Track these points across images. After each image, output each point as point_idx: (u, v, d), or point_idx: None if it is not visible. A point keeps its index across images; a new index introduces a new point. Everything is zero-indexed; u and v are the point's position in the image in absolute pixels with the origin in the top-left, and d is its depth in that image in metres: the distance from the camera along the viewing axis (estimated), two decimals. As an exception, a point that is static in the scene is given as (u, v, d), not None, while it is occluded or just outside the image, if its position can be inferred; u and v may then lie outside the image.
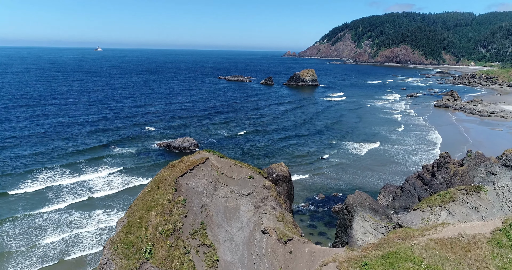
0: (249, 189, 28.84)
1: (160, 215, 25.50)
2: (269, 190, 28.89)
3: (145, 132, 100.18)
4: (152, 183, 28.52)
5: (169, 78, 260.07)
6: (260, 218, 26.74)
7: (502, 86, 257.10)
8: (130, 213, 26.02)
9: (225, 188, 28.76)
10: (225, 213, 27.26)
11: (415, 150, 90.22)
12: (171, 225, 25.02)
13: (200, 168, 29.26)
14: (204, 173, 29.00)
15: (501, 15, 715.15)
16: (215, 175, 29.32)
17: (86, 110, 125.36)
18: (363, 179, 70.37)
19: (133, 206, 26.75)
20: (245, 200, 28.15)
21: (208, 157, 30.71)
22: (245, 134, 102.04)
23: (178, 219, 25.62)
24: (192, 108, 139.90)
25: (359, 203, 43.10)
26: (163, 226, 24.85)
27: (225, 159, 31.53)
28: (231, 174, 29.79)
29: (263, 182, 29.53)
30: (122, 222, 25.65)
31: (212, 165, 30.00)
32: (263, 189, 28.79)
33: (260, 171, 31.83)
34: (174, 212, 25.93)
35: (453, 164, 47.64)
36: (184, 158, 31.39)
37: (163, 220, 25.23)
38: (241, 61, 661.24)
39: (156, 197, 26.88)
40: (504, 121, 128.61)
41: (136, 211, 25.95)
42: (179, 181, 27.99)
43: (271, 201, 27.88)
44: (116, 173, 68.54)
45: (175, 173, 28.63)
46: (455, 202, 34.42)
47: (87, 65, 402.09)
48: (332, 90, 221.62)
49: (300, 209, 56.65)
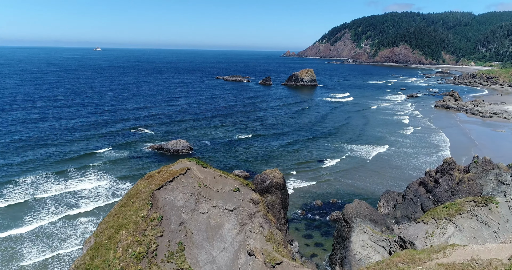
0: (235, 204, 25.85)
1: (132, 235, 22.49)
2: (257, 205, 25.89)
3: (138, 134, 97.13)
4: (125, 197, 25.50)
5: (166, 79, 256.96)
6: (246, 238, 23.76)
7: (503, 86, 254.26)
8: (99, 232, 23.01)
9: (207, 203, 25.77)
10: (207, 232, 24.28)
11: (422, 153, 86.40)
12: (144, 247, 22.01)
13: (180, 179, 26.25)
14: (184, 186, 26.00)
15: (501, 14, 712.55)
16: (197, 187, 26.32)
17: (78, 112, 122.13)
18: (363, 184, 67.34)
19: (102, 224, 23.74)
20: (230, 216, 25.17)
21: (190, 167, 27.69)
22: (241, 136, 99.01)
23: (153, 239, 22.63)
24: (188, 109, 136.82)
25: (358, 213, 40.06)
26: (134, 248, 21.85)
27: (209, 169, 28.51)
28: (215, 187, 26.79)
29: (250, 195, 26.53)
30: (89, 242, 22.64)
31: (194, 176, 26.99)
32: (250, 204, 25.80)
33: (248, 182, 28.77)
34: (148, 231, 22.93)
35: (458, 171, 44.62)
36: (163, 168, 28.38)
37: (135, 241, 22.21)
38: (240, 61, 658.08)
39: (128, 213, 23.87)
40: (507, 122, 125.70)
41: (105, 230, 22.94)
42: (156, 195, 25.00)
43: (258, 217, 24.90)
44: (104, 179, 65.42)
45: (151, 185, 25.62)
46: (462, 215, 31.41)
47: (85, 65, 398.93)
48: (331, 90, 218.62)
49: (296, 217, 53.62)
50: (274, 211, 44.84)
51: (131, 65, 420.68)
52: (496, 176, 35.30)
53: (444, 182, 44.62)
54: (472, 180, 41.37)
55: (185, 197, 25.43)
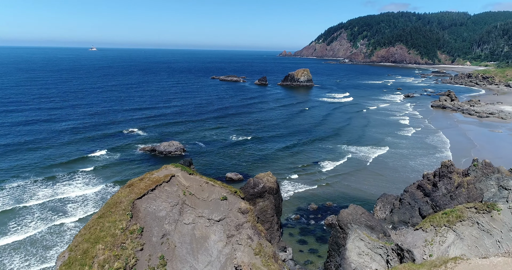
0: (222, 214, 24.19)
1: (110, 248, 20.77)
2: (245, 215, 24.25)
3: (130, 136, 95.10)
4: (104, 207, 23.76)
5: (161, 79, 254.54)
6: (233, 250, 22.12)
7: (499, 86, 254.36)
8: (73, 246, 21.26)
9: (192, 212, 24.08)
10: (192, 244, 22.60)
11: (423, 155, 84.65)
12: (122, 262, 20.29)
13: (163, 187, 24.55)
14: (168, 194, 24.30)
15: (496, 14, 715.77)
16: (182, 196, 24.62)
17: (70, 113, 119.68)
18: (361, 186, 65.86)
19: (78, 236, 21.99)
20: (216, 227, 23.51)
21: (175, 174, 25.97)
22: (236, 138, 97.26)
23: (132, 253, 20.92)
24: (182, 110, 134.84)
25: (353, 219, 38.51)
26: (111, 264, 20.13)
27: (195, 176, 26.79)
28: (201, 195, 25.10)
29: (238, 204, 24.87)
30: (62, 257, 20.90)
31: (179, 184, 25.29)
32: (238, 214, 24.15)
33: (236, 190, 27.09)
34: (127, 245, 21.22)
35: (457, 174, 43.21)
36: (147, 175, 26.64)
37: (113, 256, 20.49)
38: (237, 61, 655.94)
39: (106, 225, 22.13)
40: (503, 122, 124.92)
41: (81, 244, 21.19)
42: (137, 204, 23.28)
43: (247, 228, 23.26)
44: (94, 183, 63.45)
45: (132, 194, 23.90)
46: (463, 222, 29.91)
47: (79, 65, 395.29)
48: (328, 91, 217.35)
49: (290, 221, 52.01)
50: (267, 217, 43.21)
51: (126, 65, 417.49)
52: (497, 181, 33.86)
53: (442, 186, 43.21)
54: (472, 184, 39.97)
55: (168, 206, 23.74)
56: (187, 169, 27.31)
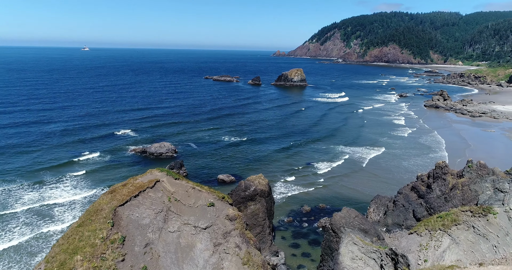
0: (209, 221, 23.10)
1: (89, 260, 19.56)
2: (233, 222, 23.19)
3: (121, 138, 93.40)
4: (84, 215, 22.53)
5: (154, 79, 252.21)
6: (220, 260, 21.05)
7: (491, 86, 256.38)
8: (50, 257, 20.02)
9: (178, 220, 22.95)
10: (176, 253, 21.49)
11: (418, 155, 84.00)
12: (101, 274, 19.07)
13: (147, 193, 23.39)
14: (152, 201, 23.15)
15: (487, 15, 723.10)
16: (167, 202, 23.49)
17: (60, 115, 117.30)
18: (355, 188, 65.12)
19: (55, 247, 20.74)
20: (203, 235, 22.41)
21: (160, 179, 24.81)
22: (228, 139, 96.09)
23: (112, 264, 19.74)
24: (174, 110, 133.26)
25: (346, 223, 37.63)
26: (90, 276, 18.90)
27: (181, 181, 25.63)
28: (187, 201, 23.98)
29: (226, 211, 23.79)
30: (38, 269, 19.63)
31: (164, 190, 24.14)
32: (226, 221, 23.08)
33: (224, 196, 26.00)
34: (108, 255, 20.04)
35: (451, 175, 42.57)
36: (130, 180, 25.45)
37: (91, 267, 19.30)
38: (230, 61, 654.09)
39: (86, 234, 20.92)
40: (496, 122, 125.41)
41: (58, 255, 19.97)
42: (119, 211, 22.10)
43: (235, 236, 22.21)
44: (82, 186, 61.89)
45: (114, 201, 22.70)
46: (458, 226, 29.14)
47: (71, 65, 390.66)
48: (322, 90, 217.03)
49: (283, 224, 51.04)
50: (258, 220, 42.19)
51: (118, 66, 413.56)
52: (493, 183, 33.19)
53: (436, 188, 42.54)
54: (466, 185, 39.33)
55: (152, 213, 22.60)
56: (173, 174, 26.14)
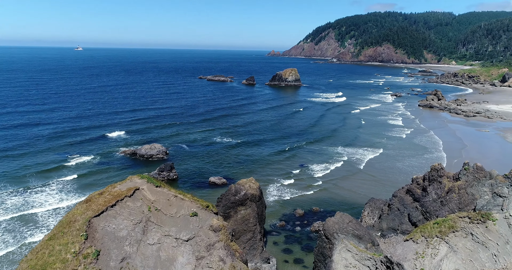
0: (191, 232, 21.54)
1: (58, 277, 17.87)
2: (217, 233, 21.66)
3: (112, 139, 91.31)
4: (56, 227, 20.85)
5: (147, 79, 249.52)
6: (202, 275, 19.51)
7: (484, 85, 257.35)
8: (16, 274, 18.34)
9: (158, 231, 21.38)
10: (156, 268, 19.93)
11: (417, 156, 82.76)
12: (71, 293, 17.43)
13: (125, 203, 21.77)
14: (130, 211, 21.55)
15: (480, 15, 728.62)
16: (146, 212, 21.91)
17: (50, 116, 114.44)
18: (350, 190, 63.83)
19: (23, 263, 19.06)
20: (185, 247, 20.86)
21: (139, 187, 23.20)
22: (221, 140, 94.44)
23: (84, 282, 18.09)
24: (167, 112, 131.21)
25: (340, 229, 36.24)
26: (59, 296, 17.26)
27: (163, 189, 24.04)
28: (168, 211, 22.41)
29: (210, 221, 22.26)
30: (3, 288, 17.93)
31: (143, 198, 22.54)
32: (210, 232, 21.54)
33: (208, 204, 24.45)
34: (80, 272, 18.37)
35: (447, 178, 41.36)
36: (108, 188, 23.80)
37: (61, 286, 17.61)
38: (225, 60, 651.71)
39: (57, 248, 19.25)
40: (490, 122, 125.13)
41: (25, 272, 18.27)
42: (94, 223, 20.47)
43: (219, 249, 20.69)
44: (69, 190, 59.90)
45: (89, 211, 21.06)
46: (456, 233, 27.88)
47: (63, 66, 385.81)
48: (316, 90, 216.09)
49: (275, 229, 49.57)
50: (249, 226, 40.68)
51: (111, 66, 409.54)
52: (491, 187, 31.98)
53: (432, 191, 41.31)
54: (463, 189, 38.13)
55: (130, 225, 21.00)
56: (154, 181, 24.54)
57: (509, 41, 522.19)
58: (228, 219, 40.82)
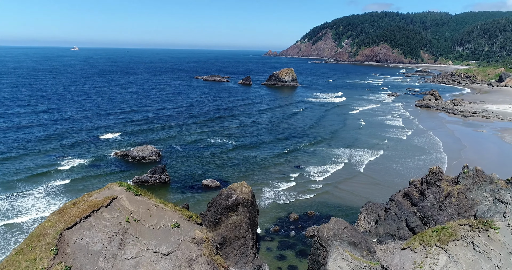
0: (172, 245, 19.99)
1: (23, 297, 16.25)
2: (200, 246, 20.11)
3: (104, 141, 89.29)
4: (25, 241, 19.22)
5: (142, 80, 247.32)
6: (183, 293, 17.97)
7: (481, 85, 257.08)
8: (-23, 294, 16.71)
9: (136, 244, 19.81)
10: (132, 285, 18.37)
11: (416, 157, 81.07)
12: (36, 316, 15.80)
13: (101, 213, 20.18)
14: (106, 222, 19.97)
15: (477, 14, 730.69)
16: (124, 223, 20.33)
17: (40, 118, 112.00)
18: (347, 193, 62.33)
19: (-15, 281, 17.41)
20: (165, 262, 19.29)
21: (117, 196, 21.60)
22: (216, 142, 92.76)
23: (52, 302, 16.49)
24: (162, 112, 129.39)
25: (335, 235, 34.75)
26: (22, 319, 15.63)
27: (143, 198, 22.43)
28: (148, 221, 20.84)
29: (192, 233, 20.69)
30: (-38, 310, 16.30)
31: (121, 208, 20.95)
32: (192, 245, 19.99)
33: (192, 215, 22.82)
34: (47, 291, 16.77)
35: (446, 182, 39.95)
36: (84, 197, 22.17)
37: (25, 307, 15.99)
38: (222, 60, 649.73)
39: (23, 265, 17.64)
40: (487, 122, 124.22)
41: (-13, 291, 16.65)
42: (66, 236, 18.87)
43: (201, 264, 19.15)
44: (55, 193, 58.07)
45: (61, 223, 19.45)
46: (456, 241, 26.45)
47: (58, 66, 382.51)
48: (313, 90, 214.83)
49: (268, 234, 48.00)
50: (240, 232, 39.11)
51: (107, 66, 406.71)
52: (492, 192, 30.57)
53: (430, 195, 39.89)
54: (462, 193, 36.73)
55: (105, 237, 19.42)
56: (134, 189, 22.91)
57: (506, 41, 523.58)
58: (219, 225, 39.26)
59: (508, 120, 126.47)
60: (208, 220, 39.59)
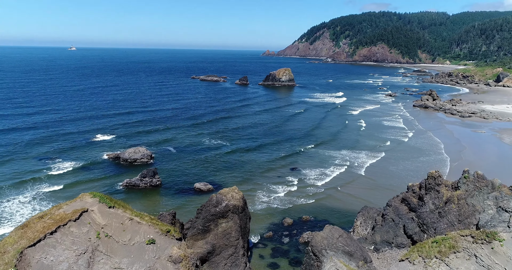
0: (146, 264, 18.17)
1: None
2: (177, 265, 18.26)
3: (96, 143, 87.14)
4: (-18, 260, 17.33)
5: (138, 80, 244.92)
6: (156, 318, 16.15)
7: (479, 85, 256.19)
8: None
9: (107, 262, 17.99)
10: (101, 309, 16.56)
11: (415, 158, 79.37)
12: None
13: (68, 229, 18.34)
14: (74, 238, 18.13)
15: (474, 14, 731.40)
16: (94, 239, 18.50)
17: (31, 119, 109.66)
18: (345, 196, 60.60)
19: None
20: (137, 283, 17.48)
21: (88, 209, 19.74)
22: (211, 144, 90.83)
23: None
24: (155, 113, 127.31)
25: (329, 245, 32.97)
26: None
27: (117, 210, 20.56)
28: (121, 237, 19.01)
29: (170, 250, 18.86)
30: None
31: (92, 222, 19.11)
32: (168, 264, 18.13)
33: (170, 229, 20.93)
34: (2, 319, 14.93)
35: (445, 187, 38.28)
36: (52, 209, 20.29)
37: None
38: (219, 60, 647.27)
39: (-23, 288, 15.74)
40: (485, 122, 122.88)
41: None
42: (28, 254, 17.02)
43: (178, 285, 17.33)
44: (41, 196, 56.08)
45: (23, 240, 17.60)
46: (457, 254, 24.70)
47: (54, 66, 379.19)
48: (310, 90, 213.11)
49: (261, 240, 46.21)
50: (230, 240, 37.26)
51: (103, 66, 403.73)
52: (495, 200, 28.85)
53: (429, 201, 38.20)
54: (463, 199, 35.05)
55: (72, 256, 17.60)
56: (107, 201, 21.02)
57: (503, 41, 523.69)
58: (208, 233, 37.43)
59: (507, 121, 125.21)
60: (196, 227, 37.76)
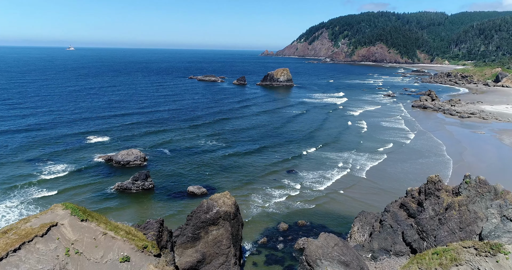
0: (119, 284, 16.58)
1: None
2: (153, 285, 16.70)
3: (89, 145, 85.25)
4: None
5: (135, 80, 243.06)
6: None
7: (478, 85, 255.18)
8: None
9: (76, 282, 16.37)
10: None
11: (417, 160, 77.81)
12: None
13: (34, 245, 16.73)
14: (40, 256, 16.51)
15: (472, 14, 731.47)
16: (62, 257, 16.89)
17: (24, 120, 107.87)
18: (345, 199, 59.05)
19: None
20: (109, 306, 15.89)
21: (57, 223, 18.11)
22: (206, 145, 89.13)
23: None
24: (151, 114, 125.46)
25: (324, 254, 31.40)
26: None
27: (90, 224, 18.92)
28: (93, 254, 17.41)
29: (145, 268, 17.28)
30: None
31: (61, 238, 17.49)
32: (143, 284, 16.55)
33: (147, 245, 19.26)
34: None
35: (446, 192, 36.74)
36: (19, 223, 18.63)
37: None
38: (218, 60, 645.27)
39: None
40: (485, 123, 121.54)
41: None
42: (-13, 275, 15.41)
43: (153, 308, 15.74)
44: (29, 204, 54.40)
45: (-16, 258, 15.97)
46: (460, 267, 23.15)
47: (51, 66, 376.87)
48: (309, 91, 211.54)
49: (255, 246, 44.60)
50: (221, 248, 35.68)
51: (101, 66, 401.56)
52: (499, 208, 27.31)
53: (429, 206, 36.64)
54: (464, 205, 33.50)
55: (38, 275, 15.98)
56: (80, 213, 19.37)
57: (501, 41, 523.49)
58: (198, 240, 35.84)
59: (506, 121, 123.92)
60: (186, 235, 36.17)
